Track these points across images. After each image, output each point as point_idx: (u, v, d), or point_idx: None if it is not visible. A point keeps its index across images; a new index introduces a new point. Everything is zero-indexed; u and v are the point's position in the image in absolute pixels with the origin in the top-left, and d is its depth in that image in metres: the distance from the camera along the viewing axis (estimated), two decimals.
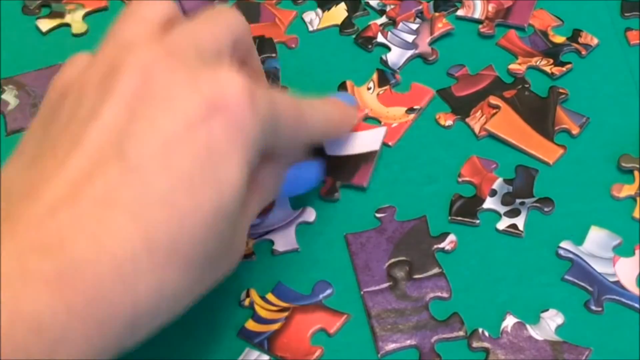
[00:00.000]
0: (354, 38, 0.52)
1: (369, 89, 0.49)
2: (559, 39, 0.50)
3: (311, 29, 0.53)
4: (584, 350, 0.38)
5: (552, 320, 0.39)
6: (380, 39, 0.51)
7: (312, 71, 0.50)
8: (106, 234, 0.30)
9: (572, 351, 0.38)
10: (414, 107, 0.48)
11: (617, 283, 0.40)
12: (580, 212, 0.43)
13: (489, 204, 0.43)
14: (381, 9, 0.53)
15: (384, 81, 0.49)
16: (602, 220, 0.42)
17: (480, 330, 0.39)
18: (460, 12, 0.52)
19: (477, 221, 0.43)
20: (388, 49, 0.51)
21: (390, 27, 0.52)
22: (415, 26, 0.51)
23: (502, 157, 0.45)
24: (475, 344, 0.39)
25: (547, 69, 0.48)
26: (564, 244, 0.42)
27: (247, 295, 0.41)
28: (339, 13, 0.53)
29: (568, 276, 0.41)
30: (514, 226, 0.42)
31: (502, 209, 0.43)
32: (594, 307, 0.39)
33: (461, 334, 0.39)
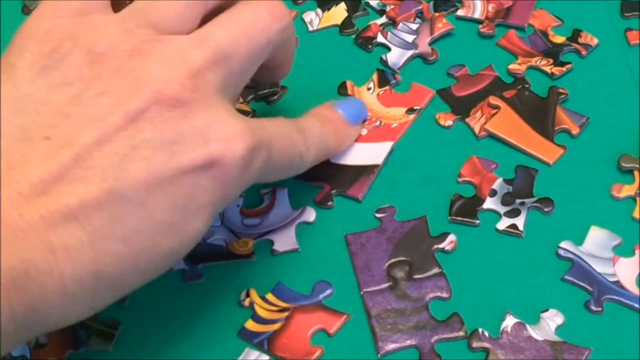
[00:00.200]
0: (354, 38, 0.52)
1: (369, 89, 0.49)
2: (559, 39, 0.50)
3: (311, 29, 0.53)
4: (584, 351, 0.38)
5: (552, 321, 0.39)
6: (380, 39, 0.51)
7: (312, 71, 0.50)
8: (62, 248, 0.30)
9: (572, 351, 0.38)
10: (414, 108, 0.48)
11: (617, 283, 0.40)
12: (580, 212, 0.43)
13: (489, 204, 0.43)
14: (381, 9, 0.53)
15: (384, 81, 0.49)
16: (602, 220, 0.42)
17: (480, 330, 0.39)
18: (460, 12, 0.52)
19: (477, 221, 0.43)
20: (388, 49, 0.51)
21: (390, 27, 0.52)
22: (415, 26, 0.51)
23: (502, 157, 0.45)
24: (475, 344, 0.39)
25: (547, 69, 0.48)
26: (564, 244, 0.42)
27: (247, 295, 0.41)
28: (339, 13, 0.53)
29: (568, 276, 0.40)
30: (514, 226, 0.42)
31: (502, 209, 0.43)
32: (594, 307, 0.39)
33: (461, 334, 0.39)
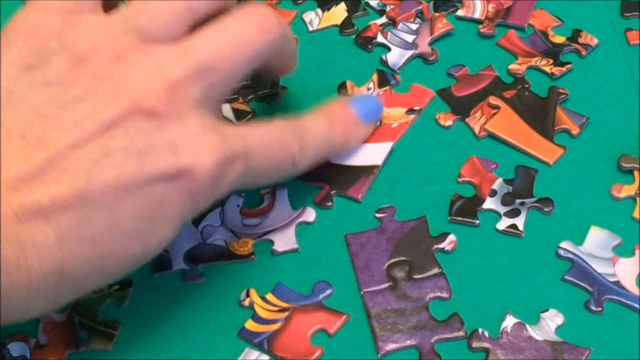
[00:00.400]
0: (354, 38, 0.52)
1: (369, 89, 0.49)
2: (558, 39, 0.50)
3: (311, 29, 0.53)
4: (584, 351, 0.38)
5: (552, 321, 0.39)
6: (380, 39, 0.51)
7: (312, 71, 0.50)
8: (31, 245, 0.31)
9: (572, 351, 0.38)
10: (414, 108, 0.48)
11: (617, 283, 0.40)
12: (580, 212, 0.43)
13: (489, 204, 0.43)
14: (381, 9, 0.53)
15: (384, 82, 0.49)
16: (602, 220, 0.42)
17: (480, 330, 0.39)
18: (460, 12, 0.52)
19: (477, 221, 0.43)
20: (388, 49, 0.51)
21: (390, 27, 0.52)
22: (415, 26, 0.51)
23: (502, 157, 0.45)
24: (475, 344, 0.39)
25: (547, 69, 0.48)
26: (564, 244, 0.42)
27: (247, 296, 0.41)
28: (338, 13, 0.53)
29: (568, 276, 0.40)
30: (514, 226, 0.42)
31: (502, 209, 0.43)
32: (593, 308, 0.39)
33: (461, 334, 0.39)
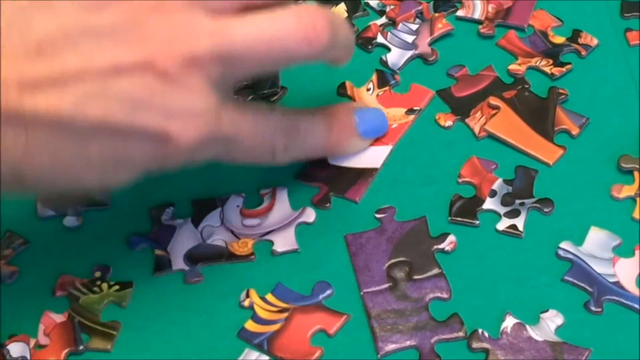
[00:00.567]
0: None
1: (369, 89, 0.49)
2: (558, 39, 0.50)
3: None
4: (583, 351, 0.38)
5: (552, 321, 0.39)
6: (380, 39, 0.51)
7: (311, 71, 0.50)
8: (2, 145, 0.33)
9: (572, 352, 0.38)
10: (414, 108, 0.48)
11: (617, 284, 0.40)
12: (580, 212, 0.43)
13: (489, 204, 0.43)
14: (381, 9, 0.53)
15: (384, 82, 0.49)
16: (602, 221, 0.42)
17: (480, 330, 0.39)
18: (460, 13, 0.52)
19: (477, 222, 0.43)
20: (388, 49, 0.51)
21: (390, 27, 0.52)
22: (415, 27, 0.51)
23: (502, 158, 0.45)
24: (475, 344, 0.39)
25: (547, 69, 0.48)
26: (563, 245, 0.42)
27: (247, 296, 0.41)
28: (338, 13, 0.53)
29: (568, 277, 0.40)
30: (513, 227, 0.42)
31: (502, 210, 0.43)
32: (593, 308, 0.39)
33: (461, 334, 0.39)
